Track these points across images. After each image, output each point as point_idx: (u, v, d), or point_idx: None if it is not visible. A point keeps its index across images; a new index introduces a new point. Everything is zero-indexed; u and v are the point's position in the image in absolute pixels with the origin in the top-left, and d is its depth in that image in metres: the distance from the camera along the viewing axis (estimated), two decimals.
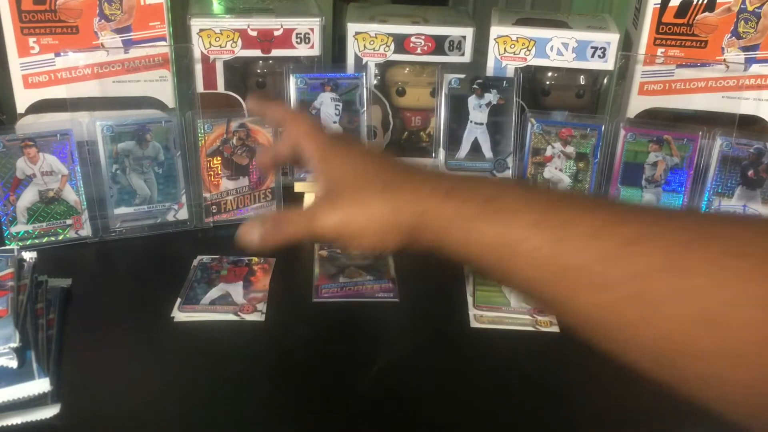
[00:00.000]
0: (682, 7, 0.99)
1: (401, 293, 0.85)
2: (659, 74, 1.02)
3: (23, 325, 0.67)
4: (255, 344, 0.77)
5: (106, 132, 0.92)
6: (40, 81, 0.97)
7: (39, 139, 0.89)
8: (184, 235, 0.97)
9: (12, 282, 0.71)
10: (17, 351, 0.64)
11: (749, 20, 0.98)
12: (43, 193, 0.90)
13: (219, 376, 0.72)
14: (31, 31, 0.94)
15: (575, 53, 1.02)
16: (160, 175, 0.95)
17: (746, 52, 1.00)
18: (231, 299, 0.83)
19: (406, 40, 1.04)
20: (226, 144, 0.97)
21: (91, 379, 0.70)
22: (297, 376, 0.72)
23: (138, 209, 0.95)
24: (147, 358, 0.74)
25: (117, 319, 0.80)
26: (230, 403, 0.68)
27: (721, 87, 1.01)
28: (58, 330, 0.75)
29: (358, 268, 0.90)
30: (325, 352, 0.76)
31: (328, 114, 0.97)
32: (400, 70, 1.10)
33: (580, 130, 0.99)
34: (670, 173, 0.97)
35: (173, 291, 0.83)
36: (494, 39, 1.02)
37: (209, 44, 1.01)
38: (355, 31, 1.04)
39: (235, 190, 0.99)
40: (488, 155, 0.99)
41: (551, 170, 1.01)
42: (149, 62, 0.99)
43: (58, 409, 0.64)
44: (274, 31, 1.02)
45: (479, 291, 0.86)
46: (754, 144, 0.94)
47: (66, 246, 0.92)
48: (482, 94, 0.98)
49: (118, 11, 0.96)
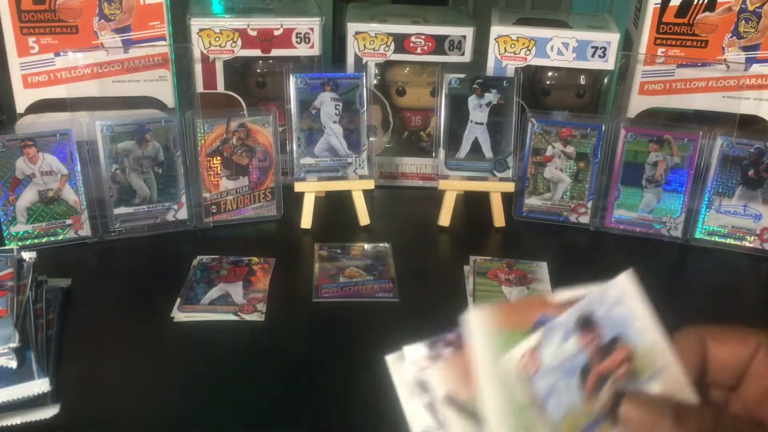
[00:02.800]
0: (683, 7, 0.98)
1: (401, 293, 0.85)
2: (660, 74, 1.02)
3: (23, 325, 0.67)
4: (255, 344, 0.77)
5: (106, 132, 0.91)
6: (40, 81, 0.97)
7: (39, 138, 0.89)
8: (184, 235, 0.97)
9: (12, 282, 0.71)
10: (17, 351, 0.64)
11: (750, 20, 0.98)
12: (42, 193, 0.90)
13: (219, 376, 0.72)
14: (30, 30, 0.94)
15: (575, 53, 1.01)
16: (159, 175, 0.95)
17: (747, 52, 1.00)
18: (231, 299, 0.83)
19: (406, 40, 1.04)
20: (226, 144, 0.97)
21: (91, 379, 0.70)
22: (297, 376, 0.72)
23: (138, 209, 0.95)
24: (147, 358, 0.74)
25: (117, 319, 0.80)
26: (230, 403, 0.68)
27: (722, 87, 1.01)
28: (58, 330, 0.75)
29: (358, 268, 0.90)
30: (325, 352, 0.76)
31: (328, 114, 0.97)
32: (400, 69, 1.10)
33: (580, 129, 0.99)
34: (670, 173, 0.97)
35: (173, 291, 0.83)
36: (494, 39, 1.02)
37: (209, 44, 1.01)
38: (355, 30, 1.04)
39: (235, 190, 0.99)
40: (488, 155, 0.99)
41: (551, 170, 1.01)
42: (149, 62, 0.99)
43: (58, 409, 0.64)
44: (274, 31, 1.02)
45: (479, 291, 0.86)
46: (755, 144, 0.94)
47: (66, 246, 0.92)
48: (482, 93, 0.98)
49: (117, 11, 0.96)
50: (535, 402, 0.36)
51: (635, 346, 0.36)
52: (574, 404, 0.36)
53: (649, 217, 0.99)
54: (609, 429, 0.35)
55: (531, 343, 0.37)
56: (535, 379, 0.37)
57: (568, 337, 0.37)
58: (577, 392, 0.36)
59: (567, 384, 0.36)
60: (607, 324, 0.36)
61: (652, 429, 0.34)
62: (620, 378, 0.36)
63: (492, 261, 0.92)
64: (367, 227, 1.00)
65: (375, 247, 0.95)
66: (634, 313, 0.36)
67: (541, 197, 1.02)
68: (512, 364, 0.37)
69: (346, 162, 0.99)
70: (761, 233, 0.96)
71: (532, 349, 0.37)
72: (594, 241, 1.00)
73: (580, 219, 1.02)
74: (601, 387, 0.36)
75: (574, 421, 0.36)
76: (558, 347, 0.37)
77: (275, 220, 1.02)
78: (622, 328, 0.36)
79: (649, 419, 0.35)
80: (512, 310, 0.39)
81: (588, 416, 0.36)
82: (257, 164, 0.99)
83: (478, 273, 0.89)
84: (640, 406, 0.35)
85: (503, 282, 0.88)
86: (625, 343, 0.36)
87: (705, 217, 0.97)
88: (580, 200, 1.01)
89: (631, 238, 1.00)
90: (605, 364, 0.36)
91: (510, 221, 1.02)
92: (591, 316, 0.37)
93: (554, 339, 0.37)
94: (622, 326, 0.36)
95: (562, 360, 0.37)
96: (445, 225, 1.00)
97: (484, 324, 0.38)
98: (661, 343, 0.36)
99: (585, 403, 0.36)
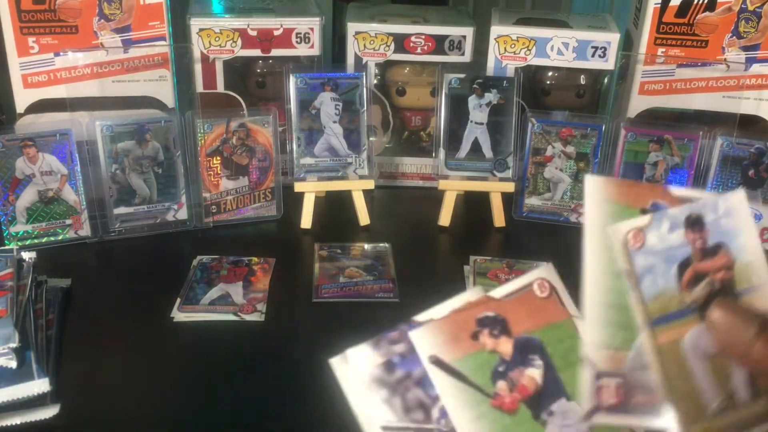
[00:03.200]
0: (683, 7, 0.98)
1: (401, 293, 0.85)
2: (660, 74, 1.02)
3: (23, 325, 0.67)
4: (255, 344, 0.77)
5: (106, 132, 0.91)
6: (40, 81, 0.97)
7: (38, 138, 0.89)
8: (183, 235, 0.97)
9: (11, 282, 0.71)
10: (17, 351, 0.64)
11: (750, 20, 0.98)
12: (42, 193, 0.90)
13: (219, 376, 0.72)
14: (30, 30, 0.94)
15: (576, 53, 1.01)
16: (159, 175, 0.95)
17: (747, 52, 1.00)
18: (231, 299, 0.83)
19: (406, 40, 1.04)
20: (226, 144, 0.97)
21: (90, 379, 0.70)
22: (297, 376, 0.71)
23: (137, 209, 0.95)
24: (146, 358, 0.74)
25: (117, 319, 0.80)
26: (230, 403, 0.68)
27: (722, 87, 1.01)
28: (58, 330, 0.75)
29: (358, 268, 0.90)
30: (325, 353, 0.75)
31: (328, 114, 0.97)
32: (400, 69, 1.10)
33: (580, 129, 0.99)
34: (670, 173, 0.97)
35: (173, 291, 0.83)
36: (494, 39, 1.02)
37: (209, 44, 1.01)
38: (355, 30, 1.04)
39: (235, 190, 0.99)
40: (488, 155, 0.99)
41: (551, 170, 1.01)
42: (149, 62, 0.99)
43: (58, 410, 0.64)
44: (274, 31, 1.02)
45: None
46: (755, 144, 0.94)
47: (65, 246, 0.92)
48: (482, 93, 0.98)
49: (117, 11, 0.96)
50: (632, 274, 0.39)
51: (736, 258, 0.38)
52: (668, 289, 0.38)
53: None
54: (695, 323, 0.38)
55: (640, 222, 0.39)
56: (637, 254, 0.38)
57: (675, 229, 0.39)
58: (674, 280, 0.39)
59: (665, 269, 0.39)
60: (714, 229, 0.39)
61: (737, 333, 0.37)
62: (717, 281, 0.38)
63: (492, 261, 0.92)
64: (367, 227, 1.00)
65: (375, 247, 0.95)
66: (741, 228, 0.39)
67: (541, 197, 1.02)
68: (619, 233, 0.39)
69: (346, 162, 0.99)
70: (761, 233, 0.96)
71: (640, 228, 0.39)
72: None
73: (580, 219, 1.02)
74: (696, 283, 0.38)
75: (664, 304, 0.38)
76: (664, 235, 0.39)
77: (275, 220, 1.02)
78: (727, 238, 0.39)
79: (735, 324, 0.37)
80: (630, 187, 0.42)
81: (679, 305, 0.38)
82: (257, 164, 0.99)
83: (478, 273, 0.89)
84: (730, 311, 0.38)
85: (503, 282, 0.87)
86: (727, 252, 0.38)
87: None
88: (580, 200, 1.01)
89: None
90: (705, 263, 0.39)
91: (510, 221, 1.02)
92: (701, 217, 0.39)
93: (662, 226, 0.39)
94: (728, 236, 0.39)
95: (666, 247, 0.39)
96: (445, 225, 1.00)
97: (600, 190, 0.40)
98: (761, 262, 0.38)
99: (678, 292, 0.38)
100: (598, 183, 0.41)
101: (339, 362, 0.43)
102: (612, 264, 0.39)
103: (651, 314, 0.38)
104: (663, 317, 0.38)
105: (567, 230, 1.02)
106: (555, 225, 1.02)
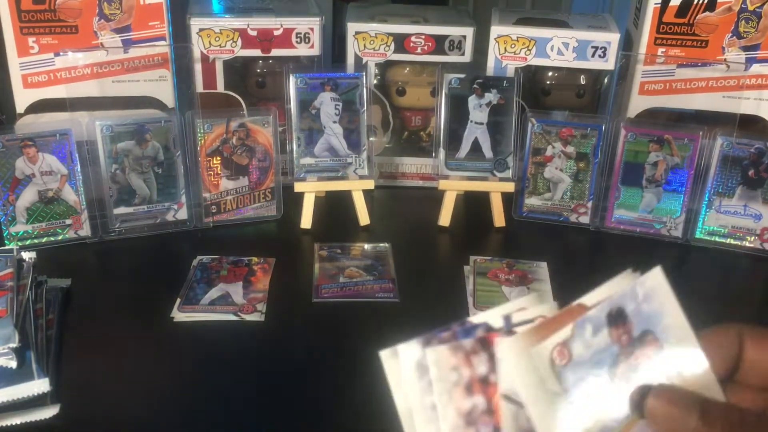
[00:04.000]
0: (683, 7, 0.98)
1: (401, 293, 0.85)
2: (660, 74, 1.02)
3: (23, 326, 0.67)
4: (255, 344, 0.77)
5: (106, 132, 0.91)
6: (40, 81, 0.97)
7: (38, 138, 0.89)
8: (183, 235, 0.97)
9: (11, 282, 0.71)
10: (17, 351, 0.64)
11: (750, 20, 0.98)
12: (42, 193, 0.90)
13: (219, 376, 0.72)
14: (30, 30, 0.94)
15: (576, 53, 1.01)
16: (159, 175, 0.95)
17: (747, 52, 1.00)
18: (231, 299, 0.83)
19: (406, 40, 1.04)
20: (226, 144, 0.97)
21: (90, 379, 0.70)
22: (297, 376, 0.71)
23: (137, 209, 0.95)
24: (147, 359, 0.74)
25: (116, 319, 0.80)
26: (230, 403, 0.68)
27: (722, 87, 1.01)
28: (58, 330, 0.75)
29: (358, 268, 0.90)
30: (325, 352, 0.76)
31: (328, 114, 0.97)
32: (400, 69, 1.10)
33: (580, 129, 0.99)
34: (670, 173, 0.97)
35: (173, 291, 0.83)
36: (494, 39, 1.02)
37: (209, 44, 1.01)
38: (355, 30, 1.04)
39: (235, 190, 0.99)
40: (488, 155, 0.99)
41: (551, 170, 1.01)
42: (149, 62, 0.99)
43: (58, 410, 0.64)
44: (274, 31, 1.02)
45: (479, 291, 0.86)
46: (755, 144, 0.94)
47: (65, 246, 0.92)
48: (482, 93, 0.98)
49: (117, 11, 0.96)
50: (562, 392, 0.37)
51: (664, 341, 0.36)
52: (601, 396, 0.36)
53: (650, 217, 0.99)
54: (635, 422, 0.36)
55: (563, 336, 0.38)
56: (564, 369, 0.37)
57: (598, 330, 0.37)
58: (606, 384, 0.37)
59: (596, 376, 0.37)
60: (637, 318, 0.37)
61: (678, 424, 0.34)
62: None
63: (492, 261, 0.91)
64: (367, 227, 1.00)
65: (375, 247, 0.95)
66: (663, 310, 0.36)
67: (541, 197, 1.02)
68: (544, 354, 0.38)
69: (346, 162, 0.99)
70: (761, 233, 0.96)
71: (563, 342, 0.38)
72: (594, 241, 1.00)
73: (580, 219, 1.02)
74: (629, 380, 0.36)
75: (599, 413, 0.36)
76: (589, 340, 0.37)
77: (275, 220, 1.02)
78: (651, 324, 0.36)
79: (675, 414, 0.34)
80: (546, 325, 0.39)
81: (614, 409, 0.36)
82: (257, 164, 0.99)
83: (478, 273, 0.89)
84: (666, 400, 0.35)
85: (503, 282, 0.88)
86: (655, 338, 0.36)
87: (705, 217, 0.97)
88: (580, 200, 1.01)
89: (631, 238, 0.99)
90: (635, 357, 0.36)
91: (510, 221, 1.02)
92: (622, 309, 0.37)
93: (585, 332, 0.37)
94: (652, 322, 0.36)
95: (593, 352, 0.37)
96: (445, 225, 1.00)
97: (516, 348, 0.38)
98: (689, 340, 0.36)
99: (612, 395, 0.36)
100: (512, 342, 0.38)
101: (388, 356, 0.42)
102: (544, 387, 0.37)
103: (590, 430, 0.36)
104: (603, 428, 0.36)
105: (567, 230, 1.02)
106: (555, 225, 1.02)
